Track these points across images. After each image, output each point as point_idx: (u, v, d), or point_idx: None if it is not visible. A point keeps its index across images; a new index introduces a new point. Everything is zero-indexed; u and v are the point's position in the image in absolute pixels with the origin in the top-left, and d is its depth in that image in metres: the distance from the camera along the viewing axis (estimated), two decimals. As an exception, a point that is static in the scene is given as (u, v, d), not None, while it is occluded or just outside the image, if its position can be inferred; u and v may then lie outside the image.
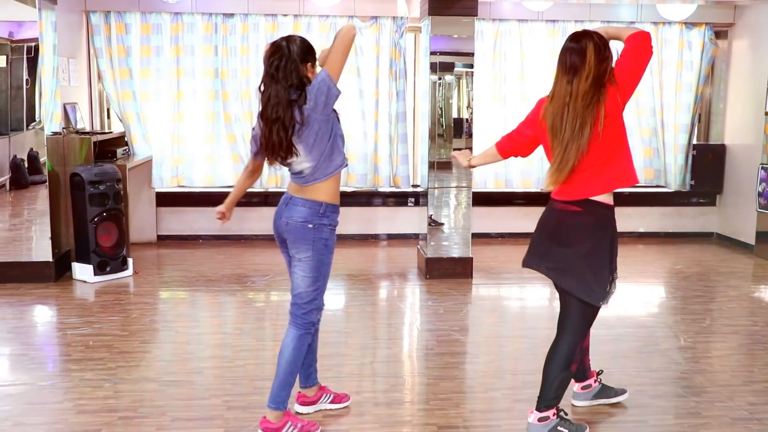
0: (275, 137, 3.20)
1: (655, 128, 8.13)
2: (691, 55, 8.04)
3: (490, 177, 8.06)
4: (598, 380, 3.88)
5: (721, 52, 8.22)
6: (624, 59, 3.21)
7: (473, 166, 3.86)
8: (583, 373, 3.82)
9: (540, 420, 3.43)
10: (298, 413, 3.67)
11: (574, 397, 3.85)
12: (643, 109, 8.04)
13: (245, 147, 7.67)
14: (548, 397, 3.43)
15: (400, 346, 5.03)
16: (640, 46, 3.20)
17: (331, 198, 3.34)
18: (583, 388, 3.85)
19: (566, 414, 3.50)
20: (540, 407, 3.44)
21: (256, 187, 7.81)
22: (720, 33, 8.17)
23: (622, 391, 3.90)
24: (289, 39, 3.27)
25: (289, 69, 3.18)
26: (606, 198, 3.30)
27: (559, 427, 3.43)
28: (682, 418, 3.68)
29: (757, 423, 3.63)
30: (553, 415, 3.43)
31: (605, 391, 3.87)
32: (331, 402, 3.77)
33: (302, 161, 3.28)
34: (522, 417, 3.66)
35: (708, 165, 8.25)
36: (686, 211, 8.43)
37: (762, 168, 7.36)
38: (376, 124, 7.80)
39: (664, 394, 3.97)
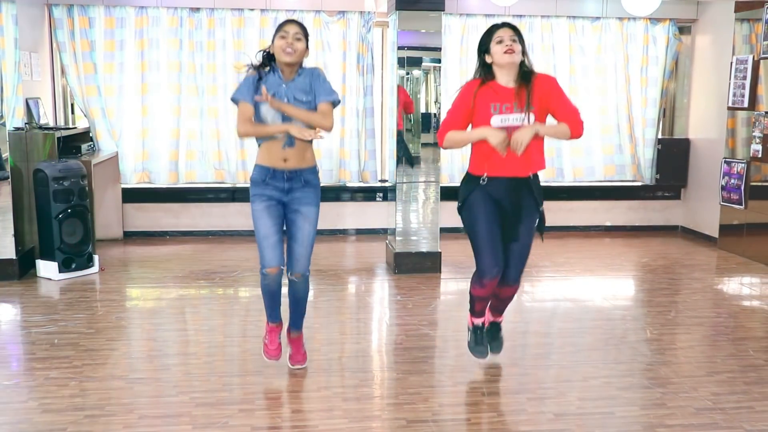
0: None
1: (618, 124, 8.19)
2: (656, 50, 8.14)
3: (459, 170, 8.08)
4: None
5: (685, 47, 8.32)
6: None
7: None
8: None
9: None
10: None
11: None
12: (606, 105, 8.07)
13: (202, 144, 7.69)
14: None
15: (369, 341, 5.03)
16: None
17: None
18: None
19: (479, 330, 4.13)
20: None
21: (227, 182, 7.78)
22: (683, 29, 8.28)
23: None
24: None
25: None
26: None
27: (468, 333, 4.19)
28: (648, 409, 3.73)
29: (720, 413, 3.69)
30: (470, 324, 4.17)
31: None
32: None
33: None
34: (490, 410, 3.69)
35: (673, 159, 8.36)
36: (652, 204, 8.53)
37: (725, 162, 7.47)
38: (342, 120, 7.78)
39: (631, 385, 4.01)
